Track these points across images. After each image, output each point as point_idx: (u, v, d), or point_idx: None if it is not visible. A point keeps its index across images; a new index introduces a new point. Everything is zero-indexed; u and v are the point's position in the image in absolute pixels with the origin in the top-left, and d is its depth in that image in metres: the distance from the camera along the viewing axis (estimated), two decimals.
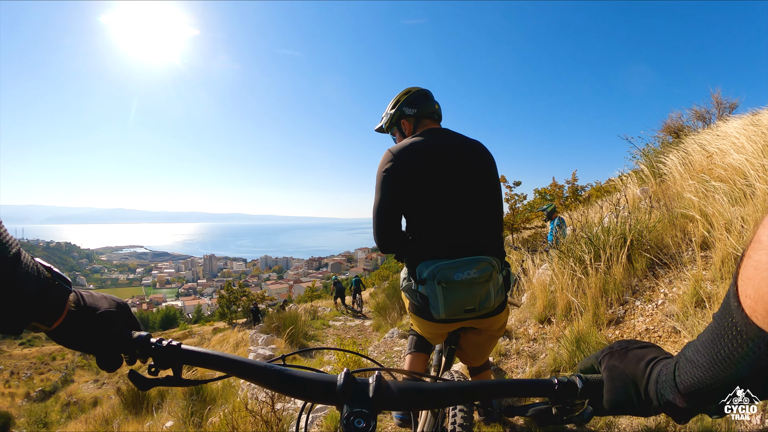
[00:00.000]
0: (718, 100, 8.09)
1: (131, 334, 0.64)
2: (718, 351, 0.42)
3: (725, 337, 0.41)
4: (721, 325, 0.42)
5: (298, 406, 3.78)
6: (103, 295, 0.67)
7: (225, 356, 0.63)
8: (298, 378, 0.62)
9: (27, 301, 0.52)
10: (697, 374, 0.46)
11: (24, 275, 0.51)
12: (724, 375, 0.42)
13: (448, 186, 1.66)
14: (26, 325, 0.54)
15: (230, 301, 23.52)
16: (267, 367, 0.63)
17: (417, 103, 1.90)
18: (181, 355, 0.62)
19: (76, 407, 14.36)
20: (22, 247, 0.53)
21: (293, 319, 8.69)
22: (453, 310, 1.57)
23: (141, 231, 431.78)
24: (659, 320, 2.79)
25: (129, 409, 6.65)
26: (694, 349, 0.47)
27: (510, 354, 3.71)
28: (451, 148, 1.72)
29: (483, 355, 1.99)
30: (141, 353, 0.63)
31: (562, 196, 13.41)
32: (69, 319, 0.59)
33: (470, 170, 1.70)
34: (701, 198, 3.42)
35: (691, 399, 0.48)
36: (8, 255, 0.49)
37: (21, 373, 27.21)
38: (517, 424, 2.56)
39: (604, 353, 0.63)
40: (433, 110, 1.92)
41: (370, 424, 0.55)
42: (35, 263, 0.55)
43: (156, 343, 0.63)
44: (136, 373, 0.61)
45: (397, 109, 1.93)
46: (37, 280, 0.54)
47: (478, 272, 1.54)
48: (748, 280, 0.37)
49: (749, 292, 0.37)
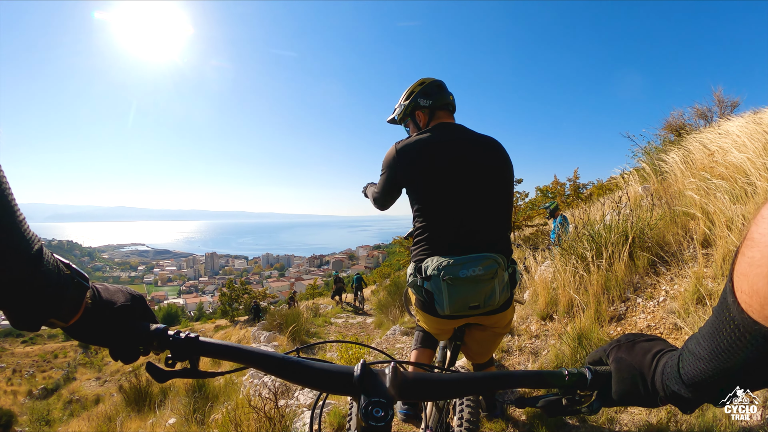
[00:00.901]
0: (719, 98, 8.08)
1: (148, 327, 0.64)
2: (719, 343, 0.44)
3: (724, 330, 0.42)
4: (719, 318, 0.44)
5: (301, 402, 3.80)
6: (118, 288, 0.67)
7: (242, 348, 0.64)
8: (316, 369, 0.62)
9: (47, 298, 0.52)
10: (700, 366, 0.47)
11: (45, 272, 0.51)
12: (725, 366, 0.44)
13: (455, 183, 1.66)
14: (45, 321, 0.54)
15: (232, 298, 23.53)
16: (284, 359, 0.63)
17: (432, 94, 1.87)
18: (199, 347, 0.63)
19: (79, 405, 14.37)
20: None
21: (295, 316, 8.71)
22: (457, 306, 1.57)
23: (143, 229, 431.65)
24: (660, 317, 2.80)
25: (131, 407, 6.67)
26: (696, 341, 0.49)
27: (512, 350, 3.73)
28: (461, 145, 1.71)
29: (487, 351, 1.99)
30: (158, 345, 0.63)
31: (563, 194, 13.40)
32: (86, 315, 0.59)
33: (478, 168, 1.69)
34: (702, 196, 3.42)
35: (695, 389, 0.50)
36: (31, 252, 0.49)
37: (23, 371, 27.30)
38: (519, 420, 2.58)
39: (611, 346, 0.65)
40: (447, 101, 1.89)
41: (387, 413, 0.56)
42: (55, 260, 0.55)
43: (174, 335, 0.63)
44: (153, 365, 0.62)
45: (412, 100, 1.90)
46: (57, 277, 0.53)
47: (483, 269, 1.54)
48: (742, 276, 0.38)
49: (744, 288, 0.38)
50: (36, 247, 0.50)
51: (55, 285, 0.53)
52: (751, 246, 0.37)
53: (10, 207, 0.45)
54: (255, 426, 2.98)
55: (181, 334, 0.63)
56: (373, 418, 0.55)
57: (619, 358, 0.62)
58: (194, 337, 0.63)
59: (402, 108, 1.96)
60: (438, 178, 1.66)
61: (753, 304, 0.37)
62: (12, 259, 0.46)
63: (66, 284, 0.55)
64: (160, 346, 0.63)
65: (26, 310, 0.51)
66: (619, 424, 2.22)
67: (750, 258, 0.37)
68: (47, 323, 0.55)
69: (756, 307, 0.37)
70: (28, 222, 0.48)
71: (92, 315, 0.60)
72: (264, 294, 25.30)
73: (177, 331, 0.64)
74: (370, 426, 0.55)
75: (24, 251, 0.48)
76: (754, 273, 0.37)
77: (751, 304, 0.38)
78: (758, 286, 0.36)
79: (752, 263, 0.37)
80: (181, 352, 0.63)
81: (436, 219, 1.67)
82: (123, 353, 0.63)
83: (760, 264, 0.36)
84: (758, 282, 0.36)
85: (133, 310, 0.65)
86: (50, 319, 0.55)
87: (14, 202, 0.46)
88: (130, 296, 0.67)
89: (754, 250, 0.37)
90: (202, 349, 0.63)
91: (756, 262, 0.36)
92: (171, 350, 0.63)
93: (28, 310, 0.51)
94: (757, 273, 0.36)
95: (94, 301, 0.61)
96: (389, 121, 2.11)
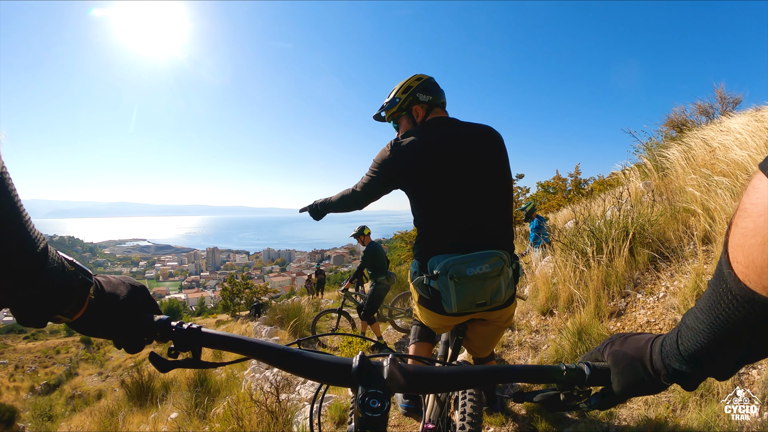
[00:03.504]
0: (721, 95, 8.05)
1: (152, 318, 0.65)
2: (717, 316, 0.44)
3: (721, 302, 0.43)
4: (716, 291, 0.44)
5: (302, 396, 3.82)
6: (121, 280, 0.67)
7: (244, 339, 0.65)
8: (315, 360, 0.64)
9: (53, 295, 0.53)
10: (699, 339, 0.48)
11: (51, 270, 0.52)
12: (725, 338, 0.45)
13: (458, 178, 1.65)
14: (50, 318, 0.55)
15: (233, 293, 23.54)
16: (285, 350, 0.64)
17: (431, 91, 1.87)
18: (202, 337, 0.64)
19: (81, 400, 14.41)
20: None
21: (296, 311, 8.74)
22: (465, 304, 1.58)
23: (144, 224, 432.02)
24: (660, 313, 2.81)
25: (133, 401, 6.70)
26: (693, 316, 0.50)
27: (513, 345, 3.74)
28: (460, 138, 1.71)
29: (489, 346, 2.01)
30: (162, 336, 0.64)
31: (565, 189, 13.39)
32: (90, 309, 0.60)
33: (479, 159, 1.68)
34: (703, 192, 3.42)
35: (696, 364, 0.50)
36: (37, 250, 0.49)
37: (26, 366, 27.43)
38: (519, 414, 2.60)
39: (604, 344, 0.66)
40: (443, 100, 1.91)
41: (384, 405, 0.57)
42: (60, 257, 0.55)
43: (177, 326, 0.64)
44: (156, 356, 0.63)
45: (410, 95, 1.86)
46: (62, 274, 0.54)
47: (490, 267, 1.55)
48: (737, 247, 0.39)
49: (740, 259, 0.39)
50: (41, 246, 0.50)
51: (60, 282, 0.53)
52: (744, 216, 0.38)
53: (16, 208, 0.46)
54: (256, 420, 2.99)
55: (184, 325, 0.64)
56: (370, 409, 0.56)
57: (614, 351, 0.63)
58: (197, 328, 0.64)
59: (396, 102, 1.90)
60: (440, 173, 1.65)
61: (750, 274, 0.38)
62: (19, 258, 0.47)
63: (71, 281, 0.56)
64: (163, 336, 0.64)
65: (33, 307, 0.52)
66: (618, 419, 2.23)
67: (743, 228, 0.38)
68: (53, 319, 0.56)
69: (753, 276, 0.37)
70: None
71: (96, 309, 0.61)
72: (265, 289, 25.28)
73: (180, 322, 0.65)
74: (367, 416, 0.56)
75: (30, 250, 0.48)
76: (748, 243, 0.37)
77: (748, 275, 0.38)
78: (754, 256, 0.37)
79: (746, 233, 0.37)
80: (183, 342, 0.64)
81: (440, 215, 1.66)
82: (127, 344, 0.64)
83: (754, 234, 0.36)
84: (753, 252, 0.36)
85: (137, 302, 0.66)
86: (56, 315, 0.56)
87: (20, 203, 0.46)
88: (132, 288, 0.67)
89: (746, 220, 0.37)
90: (204, 340, 0.64)
91: (750, 232, 0.37)
92: (174, 341, 0.64)
93: (34, 307, 0.52)
94: (751, 243, 0.37)
95: (98, 296, 0.61)
96: (375, 117, 2.07)
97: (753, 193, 0.37)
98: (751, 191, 0.37)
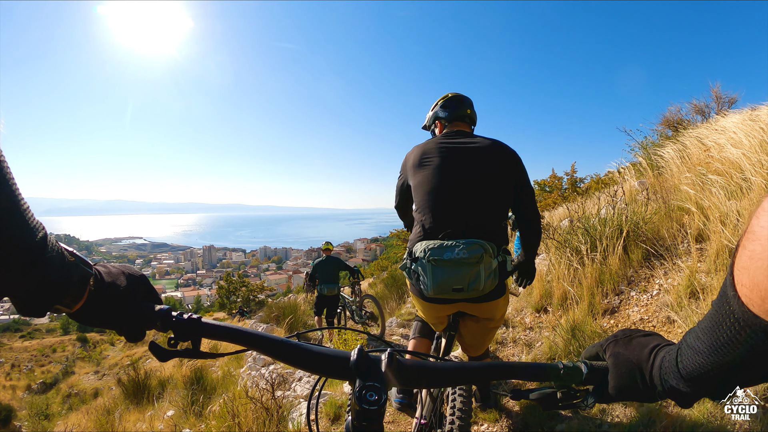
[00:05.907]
0: (717, 94, 8.07)
1: (153, 307, 0.66)
2: (718, 337, 0.43)
3: (724, 324, 0.42)
4: (719, 312, 0.43)
5: (298, 393, 3.83)
6: (121, 270, 0.67)
7: (243, 330, 0.65)
8: (313, 353, 0.64)
9: (52, 285, 0.53)
10: (699, 360, 0.47)
11: (50, 259, 0.51)
12: (724, 360, 0.44)
13: (445, 173, 1.81)
14: (50, 308, 0.55)
15: (229, 291, 23.51)
16: (284, 342, 0.65)
17: (449, 107, 2.10)
18: (201, 328, 0.64)
19: (77, 398, 14.33)
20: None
21: (293, 308, 8.73)
22: (441, 288, 1.63)
23: (140, 222, 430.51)
24: (654, 310, 2.83)
25: (130, 399, 6.70)
26: (695, 335, 0.49)
27: (507, 342, 3.76)
28: (456, 142, 1.90)
29: (481, 345, 2.04)
30: (162, 326, 0.65)
31: (561, 188, 13.42)
32: (90, 300, 0.60)
33: (471, 159, 1.83)
34: (698, 191, 3.44)
35: (693, 384, 0.49)
36: (35, 239, 0.49)
37: (22, 365, 27.32)
38: (513, 411, 2.61)
39: (608, 341, 0.65)
40: (464, 114, 2.09)
41: (381, 398, 0.58)
42: (60, 247, 0.55)
43: (177, 316, 0.65)
44: (156, 345, 0.63)
45: (435, 112, 2.15)
46: (61, 264, 0.54)
47: (468, 253, 1.59)
48: (743, 269, 0.38)
49: (745, 281, 0.38)
50: (40, 235, 0.50)
51: (59, 272, 0.53)
52: (752, 239, 0.37)
53: (14, 195, 0.46)
54: (252, 416, 3.00)
55: (185, 316, 0.65)
56: (367, 402, 0.57)
57: (616, 353, 0.62)
58: (197, 318, 0.65)
59: (429, 117, 2.24)
60: (429, 169, 1.84)
61: (754, 298, 0.37)
62: (17, 246, 0.47)
63: (70, 271, 0.56)
64: (163, 326, 0.65)
65: (32, 296, 0.52)
66: (611, 415, 2.25)
67: (751, 251, 0.37)
68: (52, 309, 0.56)
69: (757, 300, 0.37)
70: None
71: (96, 299, 0.61)
72: (262, 287, 25.28)
73: (180, 312, 0.66)
74: (364, 409, 0.57)
75: (29, 239, 0.48)
76: (755, 266, 0.36)
77: (752, 298, 0.37)
78: (759, 279, 0.36)
79: (753, 256, 0.37)
80: (183, 332, 0.64)
81: (428, 207, 1.79)
82: (128, 333, 0.64)
83: (761, 257, 0.36)
84: (759, 275, 0.36)
85: (137, 292, 0.66)
86: (55, 305, 0.55)
87: (18, 191, 0.46)
88: (133, 277, 0.67)
89: (755, 243, 0.37)
90: (204, 331, 0.65)
91: (757, 255, 0.36)
92: (174, 330, 0.64)
93: (34, 296, 0.52)
94: (758, 266, 0.36)
95: (98, 286, 0.61)
96: (423, 128, 2.39)
97: (763, 216, 0.36)
98: (761, 214, 0.37)
